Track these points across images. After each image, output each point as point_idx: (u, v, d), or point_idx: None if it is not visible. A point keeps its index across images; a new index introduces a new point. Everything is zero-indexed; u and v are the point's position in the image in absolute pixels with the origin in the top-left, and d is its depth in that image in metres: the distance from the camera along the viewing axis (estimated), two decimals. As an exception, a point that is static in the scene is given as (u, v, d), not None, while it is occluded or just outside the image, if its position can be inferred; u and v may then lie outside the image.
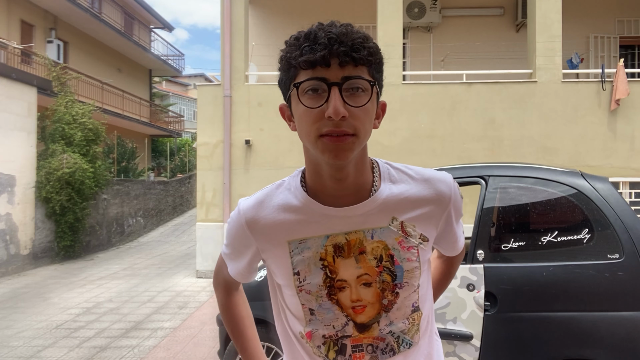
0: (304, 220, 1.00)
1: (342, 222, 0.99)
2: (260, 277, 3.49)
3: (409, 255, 1.00)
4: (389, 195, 1.01)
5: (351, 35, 0.88)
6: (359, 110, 0.89)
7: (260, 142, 8.55)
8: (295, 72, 0.91)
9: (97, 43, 18.23)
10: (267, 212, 1.04)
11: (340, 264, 0.99)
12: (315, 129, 0.89)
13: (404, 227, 1.00)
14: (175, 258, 11.12)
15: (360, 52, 0.88)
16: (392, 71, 8.40)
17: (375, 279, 0.99)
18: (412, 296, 1.02)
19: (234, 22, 8.69)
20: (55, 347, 5.01)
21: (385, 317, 1.01)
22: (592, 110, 8.15)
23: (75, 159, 10.54)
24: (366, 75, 0.90)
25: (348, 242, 0.99)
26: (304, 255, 1.00)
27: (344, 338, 1.02)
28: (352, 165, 0.96)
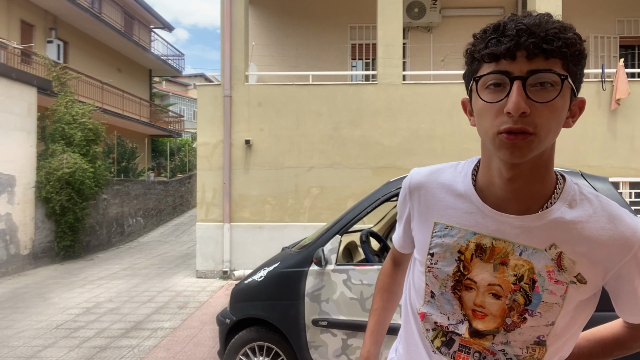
0: (460, 208, 0.97)
1: (495, 226, 0.93)
2: (260, 277, 3.49)
3: (554, 288, 0.90)
4: (559, 218, 0.90)
5: (545, 25, 0.81)
6: (543, 106, 0.82)
7: (260, 142, 8.55)
8: (478, 65, 0.88)
9: (97, 43, 18.24)
10: (431, 185, 1.03)
11: (477, 264, 0.95)
12: (495, 126, 0.84)
13: (562, 259, 0.90)
14: (175, 258, 11.12)
15: (554, 43, 0.80)
16: (392, 71, 8.40)
17: (507, 295, 0.93)
18: (541, 329, 0.93)
19: (234, 22, 8.70)
20: (55, 347, 5.01)
21: (504, 335, 0.95)
22: (592, 110, 8.15)
23: (75, 159, 10.54)
24: (558, 69, 0.82)
25: (493, 248, 0.93)
26: (444, 241, 0.98)
27: (454, 334, 0.99)
28: (526, 168, 0.88)
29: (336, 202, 8.30)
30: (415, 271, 1.08)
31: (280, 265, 3.43)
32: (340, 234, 3.29)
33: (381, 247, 3.93)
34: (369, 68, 10.93)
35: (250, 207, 8.53)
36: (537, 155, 0.86)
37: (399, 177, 3.49)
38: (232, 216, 8.51)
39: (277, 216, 8.48)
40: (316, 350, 3.24)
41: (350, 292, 3.16)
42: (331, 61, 10.80)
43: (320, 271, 3.24)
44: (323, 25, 10.90)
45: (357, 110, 8.43)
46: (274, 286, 3.39)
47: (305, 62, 10.83)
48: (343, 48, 11.00)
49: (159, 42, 24.34)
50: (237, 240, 8.51)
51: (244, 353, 3.48)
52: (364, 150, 8.38)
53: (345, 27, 10.98)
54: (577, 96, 0.90)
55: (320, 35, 10.91)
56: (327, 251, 3.23)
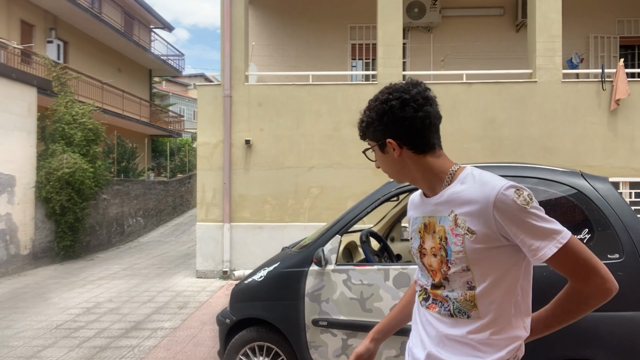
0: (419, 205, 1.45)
1: (428, 208, 1.39)
2: (260, 277, 3.49)
3: (456, 240, 1.29)
4: (452, 192, 1.32)
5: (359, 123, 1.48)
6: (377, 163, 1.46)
7: (260, 142, 8.55)
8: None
9: (97, 43, 18.24)
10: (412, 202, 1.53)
11: (426, 237, 1.39)
12: None
13: (456, 219, 1.29)
14: (175, 258, 11.12)
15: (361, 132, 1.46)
16: (392, 71, 8.40)
17: (438, 252, 1.34)
18: (464, 275, 1.29)
19: (234, 22, 8.70)
20: (55, 347, 5.01)
21: (447, 283, 1.33)
22: (592, 110, 8.15)
23: (75, 159, 10.54)
24: (368, 142, 1.44)
25: (430, 223, 1.38)
26: (413, 227, 1.45)
27: (427, 291, 1.40)
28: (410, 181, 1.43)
29: (336, 202, 8.30)
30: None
31: (280, 265, 3.43)
32: (340, 234, 3.28)
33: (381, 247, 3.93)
34: (369, 68, 10.93)
35: (250, 207, 8.53)
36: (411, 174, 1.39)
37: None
38: (232, 216, 8.51)
39: (277, 216, 8.48)
40: (316, 350, 3.24)
41: (350, 292, 3.16)
42: (331, 61, 10.80)
43: (320, 271, 3.24)
44: (323, 25, 10.90)
45: (357, 110, 8.31)
46: (274, 286, 3.39)
47: (305, 62, 10.83)
48: (343, 48, 11.00)
49: (159, 42, 24.36)
50: (237, 241, 8.51)
51: (244, 353, 3.48)
52: (364, 150, 8.37)
53: (345, 27, 10.98)
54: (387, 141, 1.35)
55: (320, 35, 10.91)
56: (327, 251, 3.23)
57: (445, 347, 1.33)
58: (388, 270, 3.11)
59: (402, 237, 4.67)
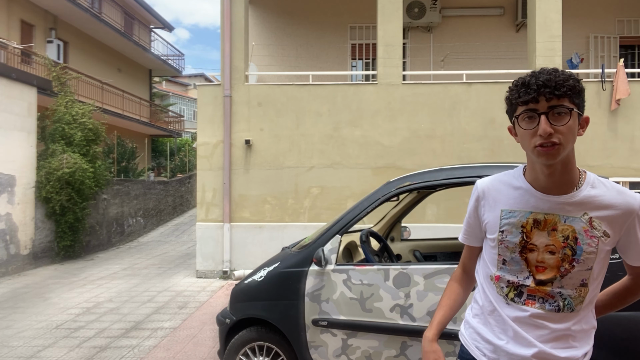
0: (517, 197, 1.44)
1: (545, 205, 1.39)
2: (260, 277, 3.49)
3: (589, 242, 1.36)
4: (586, 195, 1.37)
5: (555, 79, 1.29)
6: (561, 127, 1.29)
7: (260, 142, 8.55)
8: (515, 107, 1.37)
9: (97, 43, 18.24)
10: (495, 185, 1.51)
11: (535, 233, 1.40)
12: (533, 142, 1.32)
13: (592, 221, 1.36)
14: (175, 258, 11.13)
15: (561, 89, 1.29)
16: (392, 71, 8.40)
17: (559, 250, 1.37)
18: (584, 273, 1.37)
19: (234, 22, 8.70)
20: (55, 347, 5.01)
21: (559, 281, 1.38)
22: (592, 110, 8.15)
23: (75, 159, 10.54)
24: (567, 104, 1.30)
25: (545, 220, 1.39)
26: (510, 220, 1.44)
27: (523, 287, 1.42)
28: (559, 166, 1.35)
29: (336, 202, 8.30)
30: (486, 249, 1.53)
31: (280, 265, 3.43)
32: (340, 234, 3.28)
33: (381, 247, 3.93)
34: (369, 68, 10.93)
35: (250, 207, 8.53)
36: (563, 157, 1.32)
37: (399, 177, 3.49)
38: (232, 216, 8.51)
39: (277, 216, 8.48)
40: (316, 350, 3.24)
41: (350, 292, 3.16)
42: (331, 61, 10.80)
43: (320, 271, 3.24)
44: (323, 25, 10.90)
45: (357, 110, 8.43)
46: (274, 286, 3.39)
47: (305, 62, 10.84)
48: (343, 48, 11.00)
49: (159, 42, 24.35)
50: (237, 240, 8.51)
51: (244, 353, 3.48)
52: (364, 150, 8.38)
53: (345, 27, 10.98)
54: (583, 115, 1.35)
55: (320, 35, 10.91)
56: (327, 251, 3.23)
57: (554, 342, 1.40)
58: (388, 270, 3.11)
59: (402, 237, 4.67)
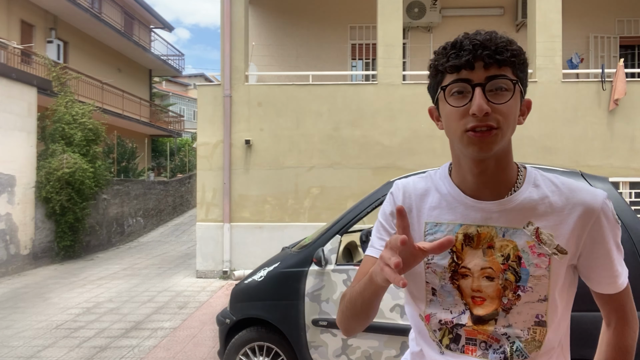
0: (443, 206, 1.06)
1: (477, 214, 1.02)
2: (260, 277, 3.49)
3: (538, 261, 0.99)
4: (527, 198, 1.01)
5: (495, 40, 0.94)
6: (501, 106, 0.93)
7: (260, 142, 8.55)
8: (442, 76, 0.98)
9: (97, 43, 18.23)
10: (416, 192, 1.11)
11: (468, 252, 1.03)
12: (461, 125, 0.94)
13: (539, 233, 0.99)
14: (175, 258, 11.12)
15: (504, 54, 0.93)
16: (392, 71, 8.40)
17: (499, 275, 1.01)
18: (536, 306, 1.00)
19: (234, 22, 8.70)
20: (55, 347, 5.01)
21: (504, 317, 1.01)
22: (592, 110, 8.15)
23: (75, 159, 10.54)
24: (510, 75, 0.95)
25: (479, 235, 1.02)
26: (435, 237, 1.04)
27: (459, 327, 1.04)
28: (492, 160, 0.99)
29: (336, 202, 8.30)
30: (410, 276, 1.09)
31: (280, 265, 3.43)
32: (340, 234, 3.28)
33: (381, 247, 3.93)
34: (369, 68, 10.93)
35: (250, 207, 8.53)
36: (499, 149, 0.96)
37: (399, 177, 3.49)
38: (232, 216, 8.51)
39: (277, 216, 8.48)
40: (316, 350, 3.24)
41: (350, 292, 3.16)
42: (331, 61, 10.80)
43: (320, 271, 3.24)
44: (323, 25, 10.90)
45: (357, 110, 8.43)
46: (274, 286, 3.39)
47: (305, 62, 10.83)
48: (343, 48, 11.00)
49: (159, 42, 24.36)
50: (237, 240, 8.51)
51: (244, 353, 3.48)
52: (364, 150, 8.38)
53: (345, 27, 10.98)
54: (525, 98, 1.02)
55: (320, 35, 10.91)
56: (327, 251, 3.23)
57: None
58: (388, 270, 3.11)
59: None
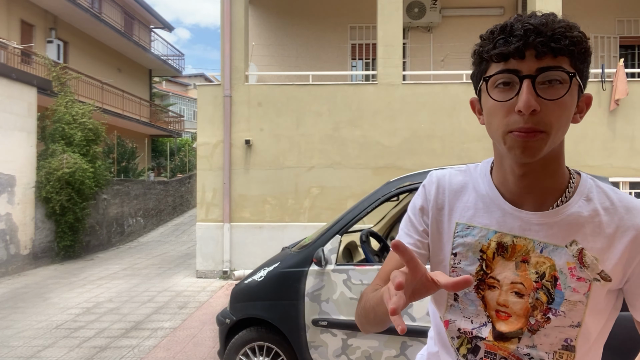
0: (480, 208, 0.96)
1: (515, 222, 0.92)
2: (260, 277, 3.49)
3: (576, 285, 0.88)
4: (576, 212, 0.89)
5: (552, 24, 0.82)
6: (553, 103, 0.81)
7: (260, 142, 8.55)
8: (486, 65, 0.88)
9: (97, 43, 18.23)
10: (452, 187, 1.01)
11: (499, 263, 0.93)
12: (504, 124, 0.84)
13: (583, 255, 0.88)
14: (175, 258, 11.12)
15: (561, 42, 0.81)
16: (392, 71, 8.40)
17: (529, 293, 0.91)
18: (567, 331, 0.90)
19: (234, 22, 8.70)
20: (55, 347, 5.01)
21: (529, 337, 0.92)
22: (592, 110, 8.13)
23: (75, 159, 10.54)
24: (567, 67, 0.83)
25: (514, 246, 0.92)
26: (465, 240, 0.96)
27: (479, 340, 0.96)
28: (538, 165, 0.88)
29: (336, 202, 8.29)
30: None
31: (280, 265, 3.43)
32: (340, 234, 3.28)
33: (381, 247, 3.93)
34: (369, 68, 10.93)
35: (250, 207, 8.53)
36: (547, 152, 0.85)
37: (399, 177, 3.49)
38: (232, 216, 8.51)
39: (277, 216, 8.48)
40: (316, 350, 3.24)
41: (350, 292, 3.16)
42: (331, 61, 10.80)
43: (320, 271, 3.24)
44: (323, 25, 10.90)
45: (357, 110, 8.43)
46: (274, 286, 3.39)
47: (305, 62, 10.83)
48: (343, 48, 11.00)
49: (159, 42, 24.36)
50: (237, 240, 8.51)
51: (244, 353, 3.48)
52: (364, 150, 8.38)
53: (345, 27, 10.97)
54: (584, 92, 0.91)
55: (320, 35, 10.91)
56: (327, 251, 3.23)
57: None
58: (388, 270, 3.11)
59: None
